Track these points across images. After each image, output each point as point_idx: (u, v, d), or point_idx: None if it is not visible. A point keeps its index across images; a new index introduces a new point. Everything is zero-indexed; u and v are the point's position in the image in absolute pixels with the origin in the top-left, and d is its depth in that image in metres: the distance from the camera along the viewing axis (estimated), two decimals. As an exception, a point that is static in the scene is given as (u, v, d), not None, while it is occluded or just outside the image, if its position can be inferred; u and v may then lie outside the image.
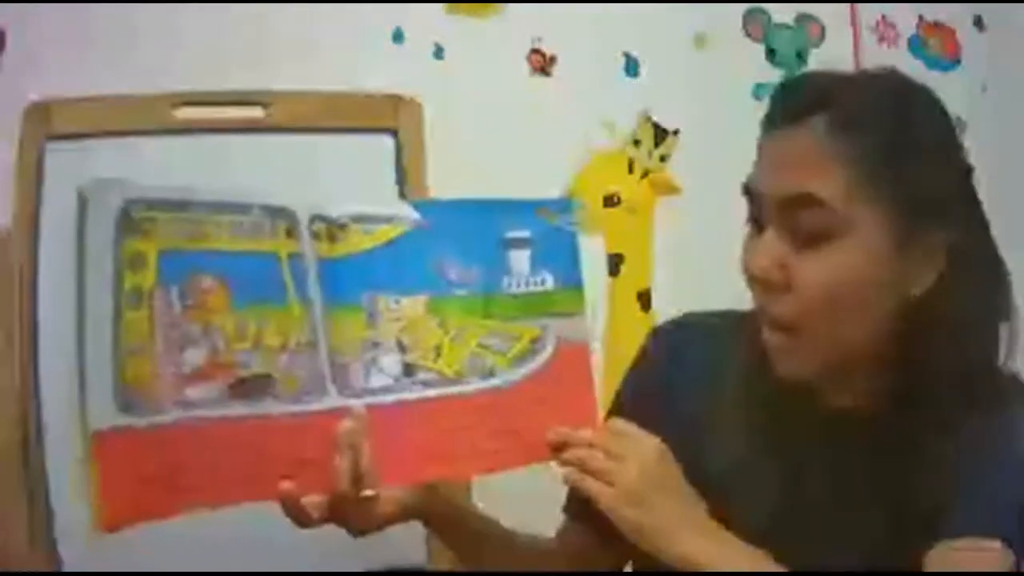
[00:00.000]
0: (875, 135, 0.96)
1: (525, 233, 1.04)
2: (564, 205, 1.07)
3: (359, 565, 1.25)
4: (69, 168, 1.56)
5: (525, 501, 1.20)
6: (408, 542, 1.12)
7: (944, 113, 1.02)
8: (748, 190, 1.01)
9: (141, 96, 1.60)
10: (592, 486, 0.98)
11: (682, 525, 0.97)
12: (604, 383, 1.19)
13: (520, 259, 1.04)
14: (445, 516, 1.10)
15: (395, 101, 1.68)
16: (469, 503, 1.12)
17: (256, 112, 1.63)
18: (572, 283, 1.05)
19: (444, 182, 1.71)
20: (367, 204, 1.00)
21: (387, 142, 1.70)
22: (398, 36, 1.84)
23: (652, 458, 0.98)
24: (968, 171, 1.03)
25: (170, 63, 1.68)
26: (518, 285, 1.03)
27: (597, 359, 1.19)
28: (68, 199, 1.55)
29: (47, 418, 1.50)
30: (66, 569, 1.48)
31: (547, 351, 1.04)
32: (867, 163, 0.95)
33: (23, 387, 1.50)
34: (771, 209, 0.98)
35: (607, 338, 1.86)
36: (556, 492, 1.16)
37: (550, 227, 1.05)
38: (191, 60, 1.69)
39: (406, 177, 1.69)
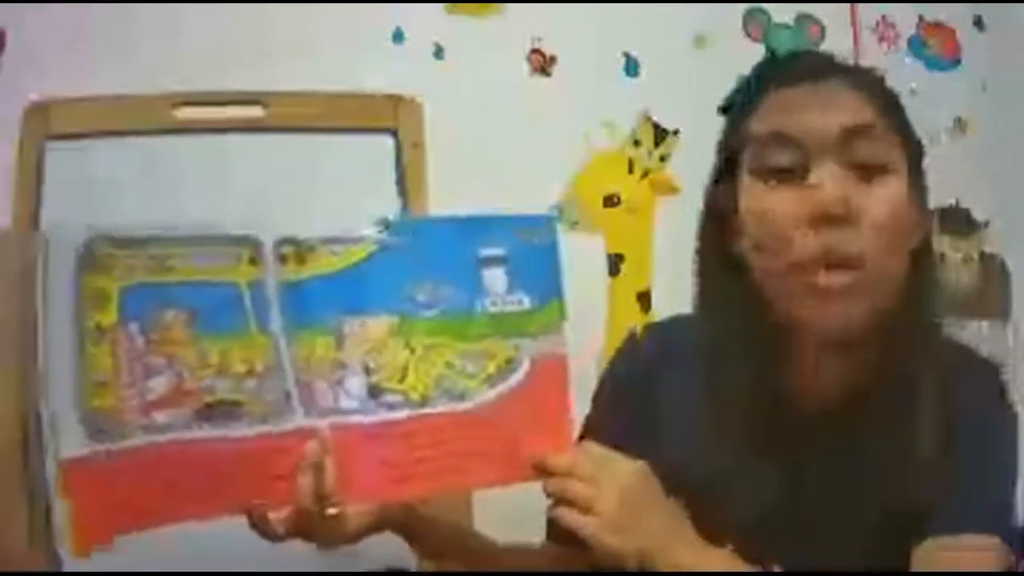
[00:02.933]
0: (886, 96, 1.04)
1: (500, 251, 1.01)
2: (541, 222, 1.04)
3: (358, 566, 1.25)
4: (69, 168, 1.56)
5: (526, 518, 1.20)
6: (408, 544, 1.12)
7: None
8: (780, 136, 1.00)
9: (141, 96, 1.60)
10: (573, 518, 0.96)
11: (665, 542, 0.97)
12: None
13: (495, 278, 1.01)
14: (418, 528, 1.10)
15: (395, 101, 1.69)
16: (436, 514, 1.12)
17: (256, 112, 1.63)
18: (551, 299, 1.02)
19: (444, 182, 1.72)
20: (336, 226, 0.99)
21: (387, 142, 1.70)
22: (398, 36, 1.84)
23: (631, 482, 0.97)
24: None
25: (170, 63, 1.68)
26: (493, 304, 1.01)
27: (595, 357, 1.19)
28: (68, 199, 1.56)
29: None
30: (66, 569, 1.48)
31: (522, 370, 1.01)
32: (887, 114, 1.01)
33: (23, 387, 1.50)
34: (825, 147, 0.98)
35: (607, 338, 1.86)
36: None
37: (527, 245, 1.02)
38: (191, 60, 1.69)
39: (406, 177, 1.69)
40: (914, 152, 1.03)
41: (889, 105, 1.03)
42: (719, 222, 1.06)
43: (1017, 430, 1.04)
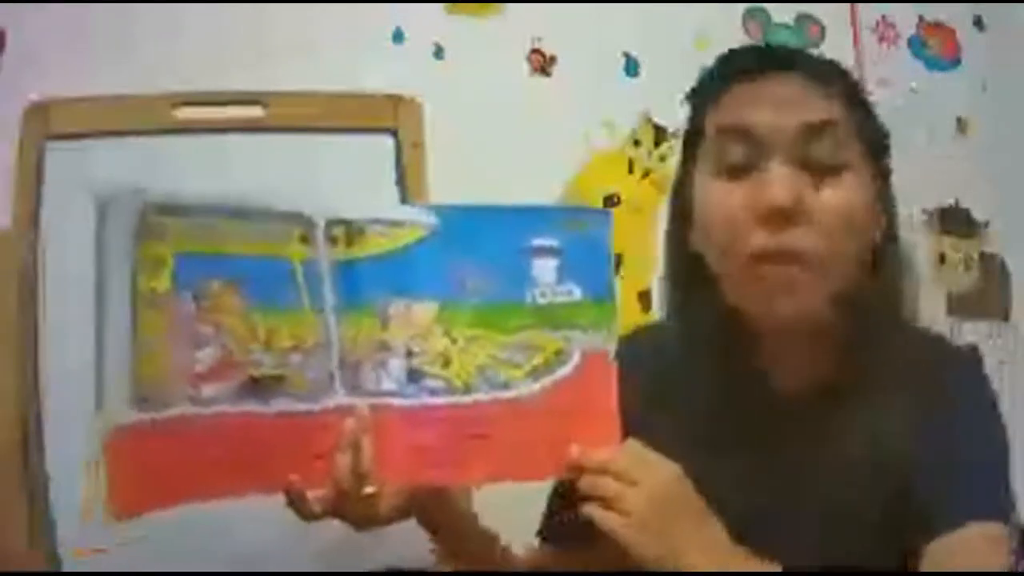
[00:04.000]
0: (849, 87, 1.04)
1: (552, 242, 1.00)
2: (596, 213, 1.03)
3: (359, 566, 1.25)
4: (69, 168, 1.56)
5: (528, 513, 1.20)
6: (410, 543, 1.12)
7: None
8: (734, 131, 1.01)
9: (141, 96, 1.60)
10: (600, 514, 0.95)
11: (690, 546, 0.95)
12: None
13: (545, 268, 1.00)
14: (444, 518, 1.10)
15: (395, 101, 1.69)
16: (469, 510, 1.12)
17: (256, 112, 1.63)
18: (602, 294, 1.01)
19: (444, 182, 1.72)
20: (387, 208, 1.00)
21: (387, 142, 1.70)
22: (398, 36, 1.84)
23: (665, 484, 0.96)
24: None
25: (170, 63, 1.68)
26: (542, 295, 1.00)
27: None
28: (68, 199, 1.56)
29: (47, 418, 1.51)
30: (66, 569, 1.48)
31: (571, 364, 1.00)
32: (850, 106, 1.02)
33: (23, 387, 1.50)
34: (780, 143, 0.99)
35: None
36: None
37: (582, 236, 1.00)
38: (191, 60, 1.69)
39: (406, 177, 1.69)
40: (876, 146, 1.04)
41: (853, 99, 1.03)
42: (682, 218, 1.08)
43: (1001, 415, 1.04)
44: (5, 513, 1.48)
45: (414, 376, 0.98)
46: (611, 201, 1.94)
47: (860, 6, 2.09)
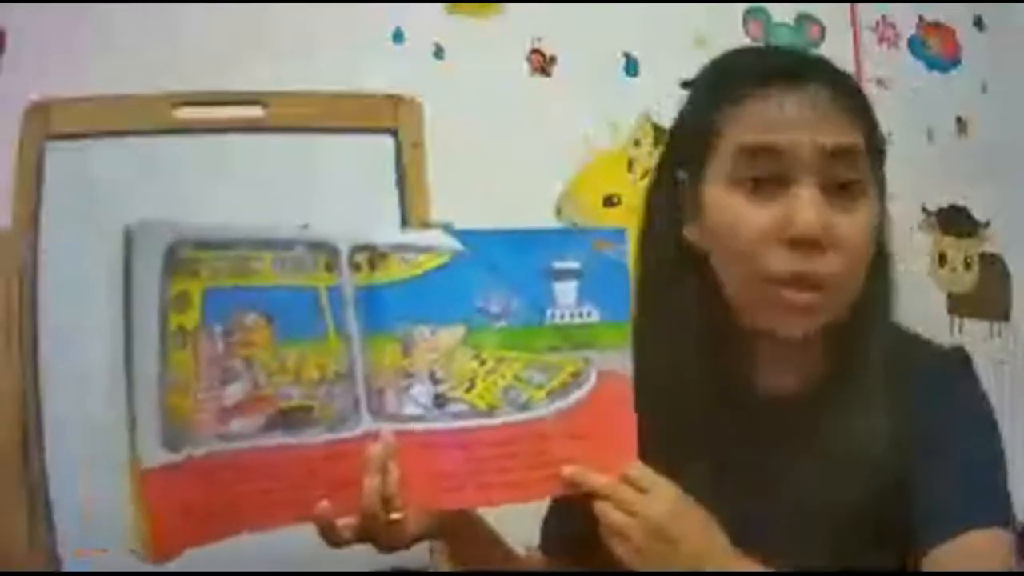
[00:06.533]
0: (863, 102, 1.03)
1: (573, 264, 1.01)
2: (615, 235, 1.02)
3: (362, 566, 1.25)
4: (69, 168, 1.56)
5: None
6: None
7: None
8: (763, 149, 0.99)
9: (141, 96, 1.60)
10: (608, 539, 0.97)
11: (696, 563, 0.96)
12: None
13: (566, 291, 1.01)
14: (463, 533, 1.10)
15: (395, 101, 1.69)
16: (486, 523, 1.13)
17: (256, 112, 1.63)
18: (620, 315, 1.02)
19: (444, 182, 1.72)
20: (411, 234, 1.01)
21: (387, 142, 1.70)
22: (398, 36, 1.84)
23: (660, 513, 0.96)
24: None
25: (170, 63, 1.68)
26: (562, 317, 1.01)
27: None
28: (68, 199, 1.56)
29: (47, 419, 1.51)
30: (66, 569, 1.48)
31: (588, 385, 1.01)
32: (867, 125, 1.01)
33: (23, 387, 1.50)
34: (807, 164, 0.98)
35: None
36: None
37: (600, 258, 1.01)
38: (191, 60, 1.69)
39: (406, 177, 1.69)
40: (880, 161, 1.04)
41: (867, 116, 1.02)
42: (676, 216, 1.06)
43: (994, 414, 1.04)
44: (5, 513, 1.48)
45: (439, 401, 0.99)
46: (611, 201, 1.94)
47: (860, 6, 2.08)
